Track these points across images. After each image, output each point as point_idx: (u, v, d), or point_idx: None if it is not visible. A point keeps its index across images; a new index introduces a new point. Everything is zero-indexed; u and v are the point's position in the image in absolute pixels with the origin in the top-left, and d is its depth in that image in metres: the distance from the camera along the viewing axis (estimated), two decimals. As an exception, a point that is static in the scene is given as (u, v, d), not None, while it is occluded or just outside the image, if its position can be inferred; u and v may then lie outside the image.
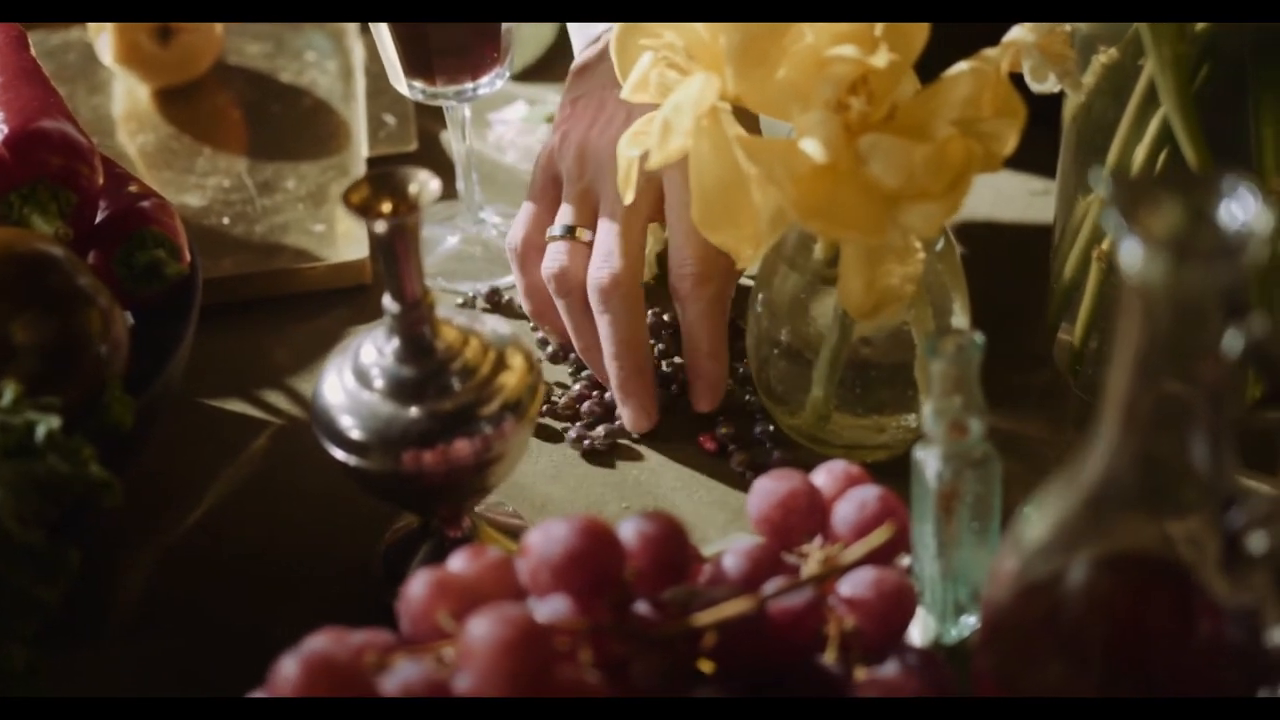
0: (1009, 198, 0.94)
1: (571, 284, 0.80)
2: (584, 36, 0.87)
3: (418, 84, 0.84)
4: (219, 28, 1.06)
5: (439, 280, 0.91)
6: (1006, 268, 0.88)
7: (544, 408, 0.82)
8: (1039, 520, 0.55)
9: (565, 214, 0.82)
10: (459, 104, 0.85)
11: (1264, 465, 0.76)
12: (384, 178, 0.64)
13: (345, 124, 1.02)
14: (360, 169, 0.98)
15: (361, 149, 0.99)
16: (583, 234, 0.81)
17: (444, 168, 0.94)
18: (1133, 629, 0.53)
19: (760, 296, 0.76)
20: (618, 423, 0.80)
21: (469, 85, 0.84)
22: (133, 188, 0.78)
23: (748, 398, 0.81)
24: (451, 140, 0.88)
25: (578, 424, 0.81)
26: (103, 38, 1.04)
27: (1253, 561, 0.51)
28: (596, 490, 0.78)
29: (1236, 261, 0.46)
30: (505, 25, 0.83)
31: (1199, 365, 0.48)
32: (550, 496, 0.78)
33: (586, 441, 0.80)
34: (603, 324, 0.79)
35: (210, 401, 0.84)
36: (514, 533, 0.75)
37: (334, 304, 0.90)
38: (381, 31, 0.82)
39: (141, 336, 0.78)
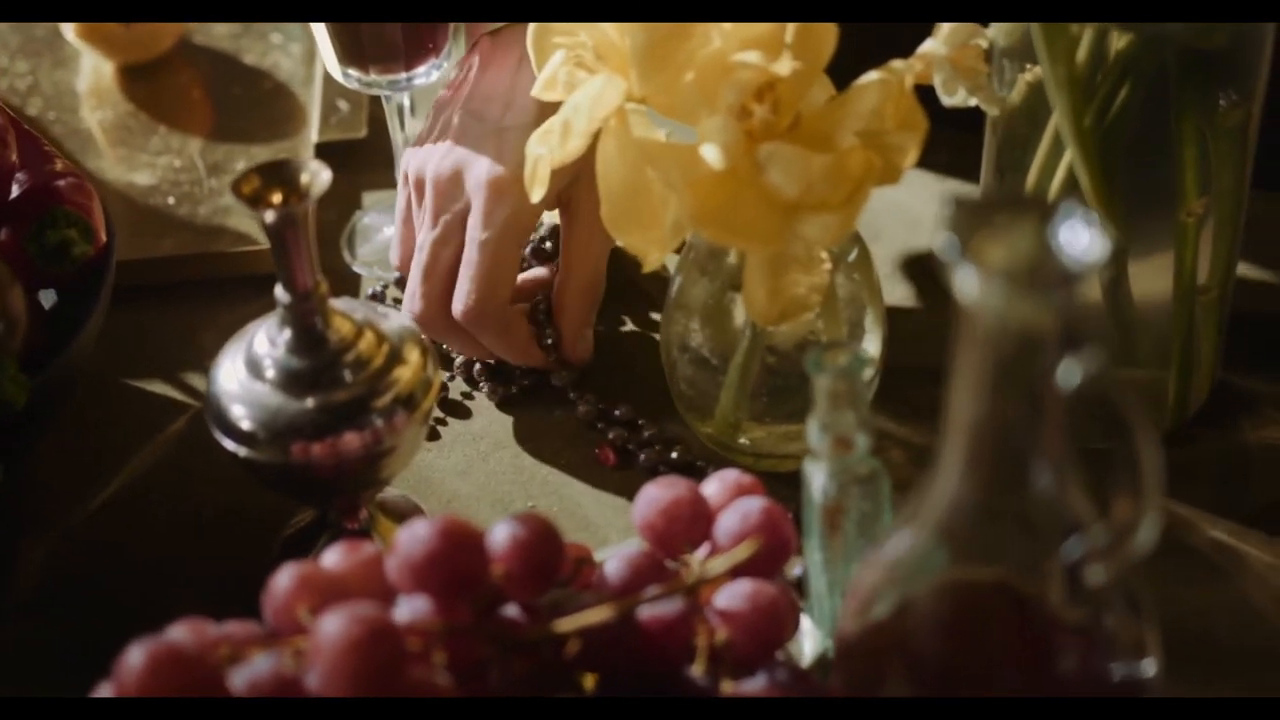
0: (955, 208, 0.93)
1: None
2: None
3: (352, 72, 0.84)
4: (183, 7, 1.06)
5: (375, 270, 0.90)
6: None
7: (456, 374, 0.83)
8: (894, 541, 0.54)
9: None
10: (394, 93, 0.85)
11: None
12: (276, 167, 0.64)
13: (302, 108, 1.02)
14: (309, 154, 0.97)
15: (313, 134, 0.99)
16: None
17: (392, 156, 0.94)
18: (975, 655, 0.52)
19: (672, 300, 0.75)
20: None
21: (403, 75, 0.83)
22: (56, 166, 0.78)
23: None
24: (391, 129, 0.88)
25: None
26: (65, 13, 1.05)
27: (1091, 593, 0.50)
28: (504, 488, 0.78)
29: (1073, 292, 0.45)
30: (440, 17, 0.82)
31: (1037, 393, 0.47)
32: (458, 492, 0.77)
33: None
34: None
35: (133, 382, 0.84)
36: (414, 527, 0.74)
37: (269, 289, 0.90)
38: (315, 18, 0.82)
39: (60, 316, 0.78)
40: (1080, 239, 0.45)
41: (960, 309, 0.47)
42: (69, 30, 1.05)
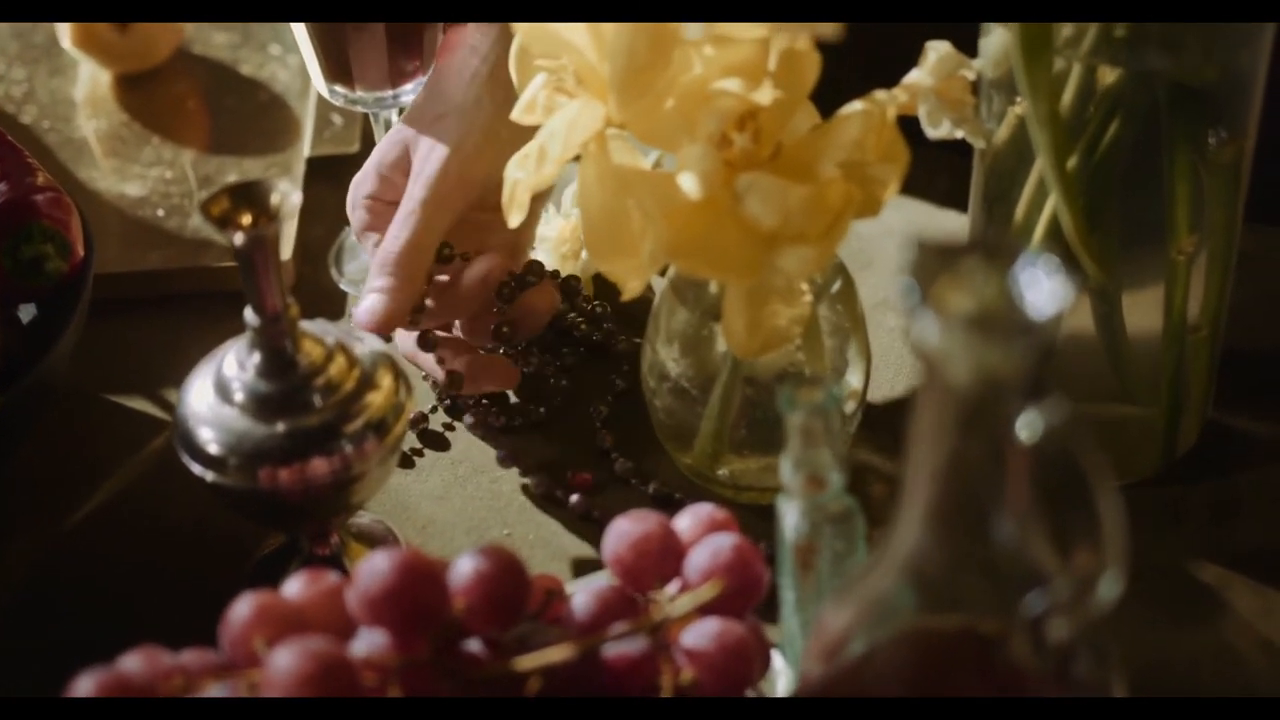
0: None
1: None
2: None
3: (339, 89, 0.83)
4: (179, 16, 1.06)
5: (361, 287, 0.89)
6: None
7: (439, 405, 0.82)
8: (860, 584, 0.53)
9: None
10: (380, 110, 0.84)
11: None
12: (245, 189, 0.63)
13: (297, 121, 1.01)
14: (301, 168, 0.97)
15: (306, 148, 0.98)
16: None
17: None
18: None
19: (652, 328, 0.74)
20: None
21: (389, 93, 0.83)
22: (37, 179, 0.77)
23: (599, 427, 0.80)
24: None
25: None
26: (62, 21, 1.04)
27: (1054, 648, 0.49)
28: (481, 514, 0.76)
29: (1036, 341, 0.44)
30: (427, 35, 0.81)
31: (999, 442, 0.46)
32: (433, 518, 0.76)
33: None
34: None
35: (114, 398, 0.84)
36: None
37: (256, 304, 0.89)
38: (301, 34, 0.81)
39: (39, 330, 0.77)
40: (1044, 286, 0.44)
41: (921, 355, 0.45)
42: (66, 38, 1.04)
